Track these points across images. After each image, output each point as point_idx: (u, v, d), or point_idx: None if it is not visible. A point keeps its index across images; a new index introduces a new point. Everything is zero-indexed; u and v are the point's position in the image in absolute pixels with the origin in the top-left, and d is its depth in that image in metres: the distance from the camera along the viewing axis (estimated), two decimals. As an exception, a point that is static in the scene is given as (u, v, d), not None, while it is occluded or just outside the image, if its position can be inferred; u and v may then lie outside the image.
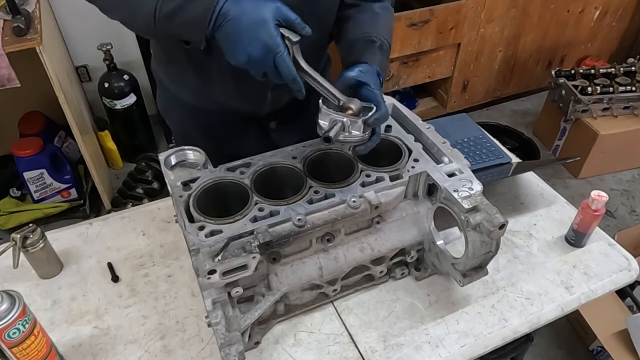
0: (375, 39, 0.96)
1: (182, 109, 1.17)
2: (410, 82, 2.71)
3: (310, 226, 0.84)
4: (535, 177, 1.30)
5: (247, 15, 0.72)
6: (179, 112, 1.19)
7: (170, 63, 1.10)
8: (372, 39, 0.97)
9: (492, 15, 2.64)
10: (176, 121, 1.22)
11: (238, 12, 0.72)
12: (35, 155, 2.22)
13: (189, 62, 1.03)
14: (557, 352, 1.90)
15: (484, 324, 0.96)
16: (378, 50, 0.95)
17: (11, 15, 1.80)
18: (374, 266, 0.96)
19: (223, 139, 1.16)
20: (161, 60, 1.13)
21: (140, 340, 0.93)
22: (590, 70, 2.65)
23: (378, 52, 0.95)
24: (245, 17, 0.72)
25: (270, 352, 0.91)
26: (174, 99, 1.16)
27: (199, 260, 0.78)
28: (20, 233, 0.97)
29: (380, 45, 0.96)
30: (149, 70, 2.51)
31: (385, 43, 0.98)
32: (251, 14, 0.72)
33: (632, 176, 2.71)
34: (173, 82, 1.13)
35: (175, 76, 1.11)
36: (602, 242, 1.12)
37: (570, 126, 2.66)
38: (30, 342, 0.80)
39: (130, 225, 1.17)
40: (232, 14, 0.72)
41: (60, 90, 1.92)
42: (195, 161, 0.97)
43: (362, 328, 0.94)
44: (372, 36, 0.97)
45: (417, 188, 0.95)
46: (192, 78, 1.07)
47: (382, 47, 0.97)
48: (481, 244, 0.85)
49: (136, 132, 2.72)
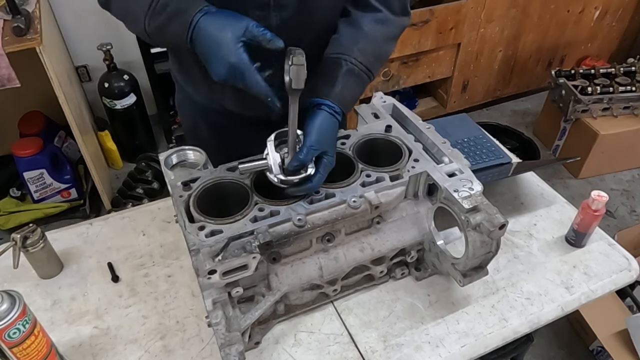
0: (344, 63, 0.89)
1: (194, 107, 1.18)
2: (410, 82, 2.72)
3: (311, 226, 0.84)
4: (535, 177, 1.30)
5: (213, 36, 0.75)
6: (191, 110, 1.20)
7: (181, 66, 1.12)
8: (339, 61, 0.90)
9: (492, 15, 2.64)
10: (188, 118, 1.23)
11: (206, 32, 0.76)
12: (35, 155, 2.22)
13: (198, 68, 1.02)
14: (557, 352, 1.90)
15: (484, 324, 0.96)
16: (342, 78, 0.89)
17: (11, 15, 1.80)
18: (374, 266, 0.96)
19: (233, 140, 1.15)
20: (173, 61, 1.14)
21: (141, 340, 0.93)
22: (590, 70, 2.65)
23: (340, 80, 0.89)
24: (212, 38, 0.76)
25: (271, 352, 0.91)
26: (187, 97, 1.17)
27: (199, 260, 0.78)
28: (20, 233, 0.97)
29: (349, 70, 0.89)
30: (149, 70, 2.51)
31: (357, 67, 0.90)
32: (216, 34, 0.75)
33: (632, 176, 2.71)
34: (186, 83, 1.14)
35: (189, 79, 1.12)
36: (602, 242, 1.12)
37: (570, 126, 2.66)
38: (30, 342, 0.80)
39: (130, 225, 1.17)
40: (202, 33, 0.76)
41: (60, 90, 1.92)
42: (196, 161, 0.97)
43: (362, 328, 0.94)
44: (342, 58, 0.90)
45: (417, 188, 0.96)
46: (202, 82, 1.08)
47: (351, 72, 0.90)
48: (481, 244, 0.85)
49: (136, 132, 2.72)
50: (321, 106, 0.87)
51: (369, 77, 0.95)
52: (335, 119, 0.87)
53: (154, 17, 0.80)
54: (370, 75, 0.94)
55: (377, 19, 0.94)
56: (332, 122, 0.87)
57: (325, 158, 0.84)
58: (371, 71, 0.94)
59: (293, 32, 0.94)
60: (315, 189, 0.85)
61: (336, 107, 0.87)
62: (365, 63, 0.92)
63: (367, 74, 0.93)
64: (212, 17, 0.77)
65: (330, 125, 0.86)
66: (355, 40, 0.92)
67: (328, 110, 0.87)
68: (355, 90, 0.93)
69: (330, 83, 0.89)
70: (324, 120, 0.85)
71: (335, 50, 0.92)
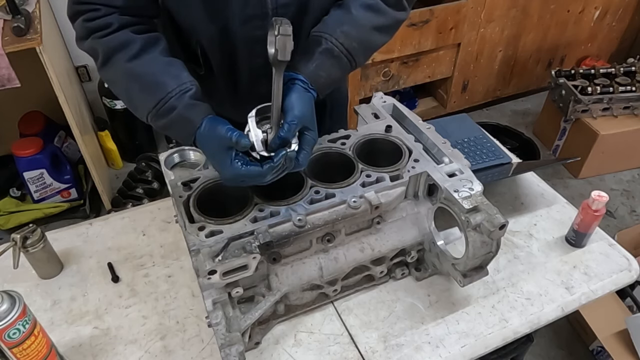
0: (324, 41, 0.87)
1: None
2: (410, 82, 2.72)
3: (311, 226, 0.84)
4: (535, 177, 1.30)
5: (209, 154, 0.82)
6: None
7: None
8: (319, 40, 0.87)
9: (492, 15, 2.64)
10: None
11: (203, 149, 0.82)
12: (35, 155, 2.22)
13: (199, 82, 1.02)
14: (557, 352, 1.90)
15: (485, 324, 0.95)
16: (319, 55, 0.86)
17: (11, 15, 1.80)
18: (374, 266, 0.96)
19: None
20: None
21: (141, 341, 0.93)
22: (590, 70, 2.65)
23: (317, 57, 0.86)
24: (208, 155, 0.82)
25: (271, 353, 0.91)
26: None
27: (199, 260, 0.78)
28: (20, 233, 0.97)
29: (328, 49, 0.87)
30: (149, 71, 2.51)
31: (337, 48, 0.87)
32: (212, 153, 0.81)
33: (632, 176, 2.71)
34: None
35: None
36: (603, 243, 1.12)
37: (570, 126, 2.66)
38: (30, 342, 0.80)
39: (130, 225, 1.17)
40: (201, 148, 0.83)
41: (60, 90, 1.92)
42: (196, 161, 0.97)
43: (363, 328, 0.94)
44: (322, 37, 0.87)
45: (417, 188, 0.95)
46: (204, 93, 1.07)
47: (329, 52, 0.87)
48: (481, 244, 0.85)
49: (136, 132, 2.71)
50: (295, 81, 0.83)
51: (350, 62, 0.90)
52: (310, 93, 0.84)
53: (158, 117, 0.83)
54: (351, 61, 0.90)
55: (367, 5, 0.91)
56: (308, 97, 0.83)
57: (308, 134, 0.81)
58: (353, 57, 0.90)
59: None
60: (303, 167, 0.82)
61: (308, 84, 0.84)
62: (347, 46, 0.88)
63: (347, 59, 0.89)
64: (204, 135, 0.80)
65: (305, 99, 0.82)
66: (341, 23, 0.89)
67: (302, 85, 0.83)
68: (332, 72, 0.88)
69: (305, 59, 0.85)
70: (301, 95, 0.82)
71: (319, 29, 0.89)
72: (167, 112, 0.81)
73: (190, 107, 0.81)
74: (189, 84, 0.83)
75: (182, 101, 0.81)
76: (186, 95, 0.81)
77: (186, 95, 0.81)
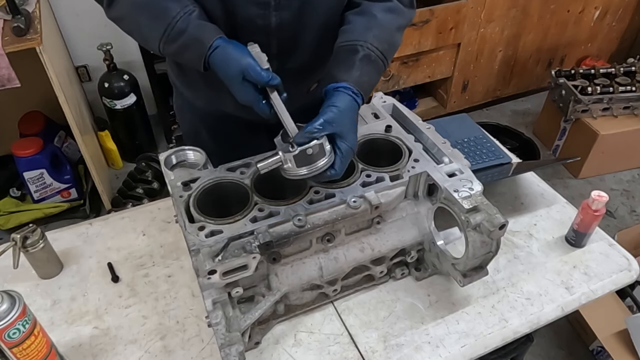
0: (360, 48, 0.87)
1: (194, 113, 1.17)
2: (410, 82, 2.71)
3: (311, 226, 0.84)
4: (535, 177, 1.30)
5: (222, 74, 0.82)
6: (191, 115, 1.19)
7: (180, 71, 1.11)
8: (355, 47, 0.87)
9: (492, 15, 2.64)
10: (187, 123, 1.22)
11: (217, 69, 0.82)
12: (35, 155, 2.22)
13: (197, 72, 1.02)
14: (557, 352, 1.90)
15: (484, 324, 0.95)
16: (359, 63, 0.86)
17: (11, 15, 1.80)
18: (374, 266, 0.96)
19: (233, 145, 1.15)
20: (172, 66, 1.14)
21: (140, 341, 0.93)
22: (590, 70, 2.65)
23: (358, 65, 0.85)
24: (222, 76, 0.82)
25: (271, 353, 0.91)
26: (187, 102, 1.16)
27: (199, 260, 0.78)
28: (20, 233, 0.97)
29: (366, 55, 0.87)
30: (149, 70, 2.50)
31: (374, 52, 0.88)
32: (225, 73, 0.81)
33: (632, 176, 2.71)
34: (185, 88, 1.14)
35: (188, 83, 1.12)
36: (603, 242, 1.12)
37: (570, 126, 2.66)
38: (30, 342, 0.80)
39: (130, 225, 1.17)
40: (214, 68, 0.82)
41: (60, 90, 1.92)
42: (196, 161, 0.97)
43: (363, 328, 0.94)
44: (357, 44, 0.87)
45: (417, 188, 0.95)
46: (203, 87, 1.07)
47: (368, 58, 0.87)
48: (481, 244, 0.85)
49: (136, 132, 2.71)
50: (339, 88, 0.82)
51: (385, 64, 0.91)
52: (355, 101, 0.82)
53: (168, 43, 0.83)
54: (385, 63, 0.91)
55: (388, 8, 0.93)
56: (351, 103, 0.81)
57: (342, 142, 0.79)
58: (387, 59, 0.91)
59: (292, 31, 0.94)
60: (338, 175, 0.81)
61: (355, 89, 0.82)
62: (381, 49, 0.89)
63: (382, 61, 0.90)
64: (219, 56, 0.80)
65: (348, 105, 0.80)
66: (369, 28, 0.90)
67: (346, 91, 0.82)
68: (372, 77, 0.88)
69: (347, 69, 0.85)
70: (341, 100, 0.80)
71: (348, 38, 0.89)
72: (177, 35, 0.82)
73: (199, 28, 0.82)
74: (192, 6, 0.83)
75: (189, 22, 0.81)
76: (192, 17, 0.82)
77: (192, 16, 0.82)
